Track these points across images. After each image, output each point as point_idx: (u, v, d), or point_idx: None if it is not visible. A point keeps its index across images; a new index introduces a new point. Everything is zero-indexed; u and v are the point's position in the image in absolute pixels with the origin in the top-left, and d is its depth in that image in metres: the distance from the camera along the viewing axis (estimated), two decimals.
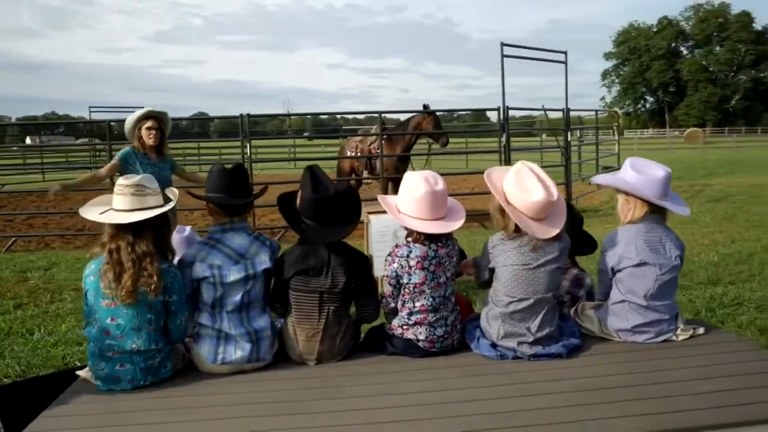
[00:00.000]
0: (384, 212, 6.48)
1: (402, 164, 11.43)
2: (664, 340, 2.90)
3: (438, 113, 11.39)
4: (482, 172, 3.00)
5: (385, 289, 2.90)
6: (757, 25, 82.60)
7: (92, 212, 2.71)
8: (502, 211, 2.83)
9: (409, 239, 2.87)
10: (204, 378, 2.72)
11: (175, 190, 2.91)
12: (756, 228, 9.42)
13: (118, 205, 2.68)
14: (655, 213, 2.96)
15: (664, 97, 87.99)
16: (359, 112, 35.92)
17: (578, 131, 19.12)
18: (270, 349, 2.83)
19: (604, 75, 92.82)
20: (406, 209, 2.87)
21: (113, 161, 5.29)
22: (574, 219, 3.24)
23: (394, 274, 2.84)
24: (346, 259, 2.84)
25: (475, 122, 34.47)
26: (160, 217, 2.70)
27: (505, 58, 11.41)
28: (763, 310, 5.06)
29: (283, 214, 2.95)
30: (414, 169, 11.62)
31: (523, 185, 2.79)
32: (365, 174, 11.67)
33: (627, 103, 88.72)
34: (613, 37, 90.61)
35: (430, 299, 2.83)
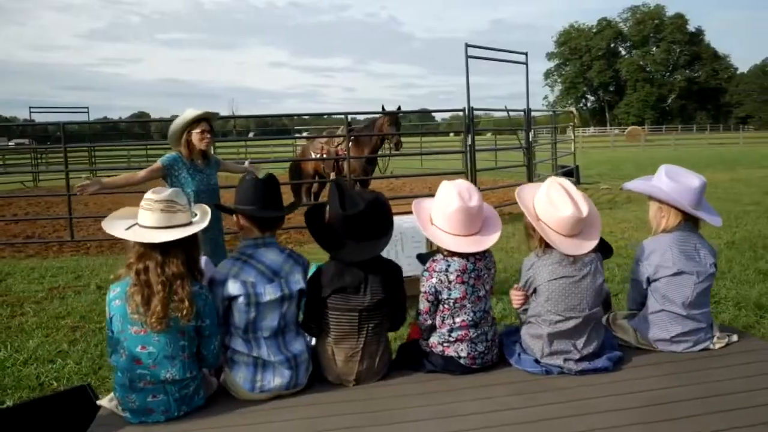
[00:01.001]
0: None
1: (370, 166, 11.36)
2: (702, 349, 2.90)
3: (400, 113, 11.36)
4: (440, 174, 2.96)
5: (422, 305, 2.79)
6: (691, 27, 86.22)
7: (116, 227, 2.51)
8: (533, 228, 2.78)
9: (445, 252, 2.77)
10: (240, 406, 2.55)
11: (206, 207, 2.71)
12: (714, 227, 9.71)
13: (145, 221, 2.48)
14: (689, 221, 2.95)
15: (604, 96, 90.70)
16: (328, 113, 35.59)
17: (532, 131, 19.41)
18: (307, 373, 2.69)
19: (547, 75, 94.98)
20: (439, 222, 2.77)
21: (155, 165, 4.59)
22: None
23: (432, 289, 2.73)
24: (384, 273, 2.73)
25: (419, 122, 34.55)
26: (191, 236, 2.52)
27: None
28: (742, 308, 5.18)
29: (312, 233, 2.80)
30: (381, 171, 11.56)
31: (552, 201, 2.74)
32: (332, 176, 11.53)
33: (569, 102, 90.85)
34: (555, 38, 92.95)
35: (471, 314, 2.74)
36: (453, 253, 2.74)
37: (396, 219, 6.59)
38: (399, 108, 11.62)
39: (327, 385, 2.72)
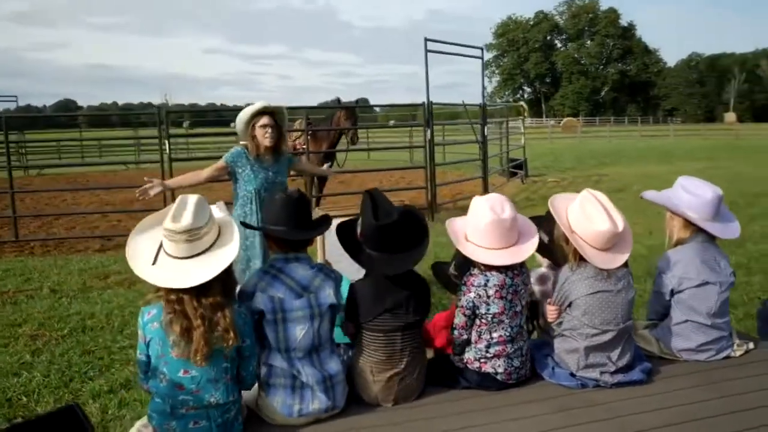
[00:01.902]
0: (341, 215, 6.33)
1: (328, 160, 11.18)
2: (724, 357, 2.94)
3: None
4: (396, 168, 2.90)
5: (458, 320, 2.73)
6: (623, 21, 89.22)
7: (140, 260, 2.29)
8: (567, 240, 2.75)
9: (483, 267, 2.70)
10: None
11: (233, 227, 2.45)
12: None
13: (171, 250, 2.28)
14: (704, 232, 2.97)
15: (540, 87, 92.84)
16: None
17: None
18: (344, 395, 2.58)
19: (485, 66, 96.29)
20: (474, 238, 2.71)
21: (219, 163, 4.47)
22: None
23: (470, 304, 2.67)
24: (421, 289, 2.67)
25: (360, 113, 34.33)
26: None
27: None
28: None
29: (344, 246, 2.68)
30: (339, 166, 11.39)
31: (588, 214, 2.72)
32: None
33: (507, 92, 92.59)
34: (493, 29, 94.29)
35: (509, 329, 2.70)
36: (490, 268, 2.68)
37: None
38: (357, 102, 11.52)
39: (363, 406, 2.62)
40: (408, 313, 2.58)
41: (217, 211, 2.43)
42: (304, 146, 11.05)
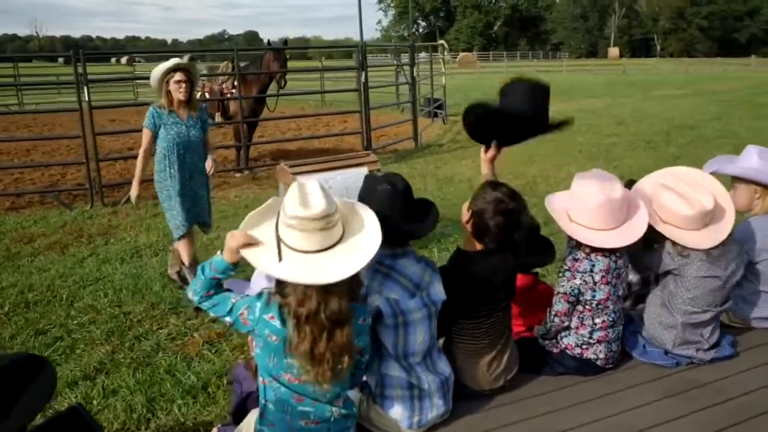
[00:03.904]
0: (311, 171, 5.97)
1: (259, 105, 10.58)
2: None
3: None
4: (328, 114, 2.68)
5: (560, 306, 2.61)
6: None
7: (267, 257, 1.92)
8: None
9: (587, 251, 2.56)
10: None
11: (359, 211, 2.10)
12: (595, 159, 10.40)
13: (296, 243, 1.90)
14: None
15: (435, 22, 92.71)
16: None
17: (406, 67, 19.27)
18: (451, 394, 2.39)
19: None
20: (581, 219, 2.55)
21: (145, 132, 4.75)
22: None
23: (576, 291, 2.55)
24: (512, 263, 2.51)
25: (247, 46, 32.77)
26: None
27: None
28: None
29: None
30: (270, 110, 10.78)
31: (668, 201, 2.64)
32: (218, 118, 10.59)
33: (402, 27, 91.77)
34: None
35: (612, 315, 2.61)
36: (596, 251, 2.54)
37: (338, 174, 6.21)
38: (269, 42, 10.86)
39: (474, 401, 2.46)
40: (506, 288, 2.49)
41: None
42: (233, 90, 10.39)
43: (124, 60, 48.39)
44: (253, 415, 2.16)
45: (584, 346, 2.62)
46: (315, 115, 14.99)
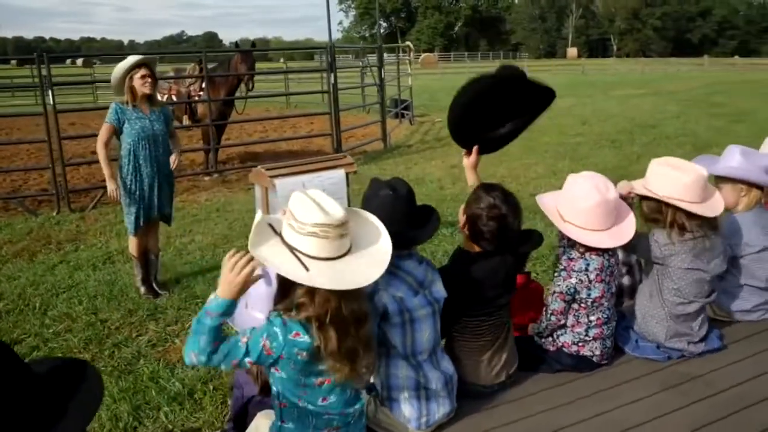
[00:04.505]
0: (288, 174, 5.94)
1: (227, 108, 10.46)
2: None
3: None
4: (297, 116, 2.68)
5: (556, 305, 2.65)
6: None
7: (292, 270, 1.84)
8: (660, 210, 2.70)
9: (582, 250, 2.61)
10: None
11: (362, 214, 2.11)
12: (561, 158, 10.58)
13: (319, 251, 1.86)
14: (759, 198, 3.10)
15: (397, 23, 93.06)
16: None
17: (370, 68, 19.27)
18: (455, 392, 2.41)
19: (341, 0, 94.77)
20: (574, 219, 2.60)
21: (106, 126, 4.77)
22: None
23: (572, 290, 2.60)
24: (512, 262, 2.55)
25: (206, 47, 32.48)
26: None
27: None
28: None
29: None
30: (238, 113, 10.66)
31: (669, 173, 2.69)
32: (186, 121, 10.44)
33: (363, 27, 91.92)
34: None
35: (606, 312, 2.66)
36: (589, 250, 2.60)
37: (316, 177, 6.17)
38: (236, 44, 10.80)
39: (476, 400, 2.49)
40: (503, 287, 2.52)
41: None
42: (200, 93, 10.26)
43: (79, 62, 47.44)
44: (260, 421, 2.14)
45: (581, 344, 2.66)
46: (283, 117, 14.85)
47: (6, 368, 1.16)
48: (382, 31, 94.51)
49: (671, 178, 2.66)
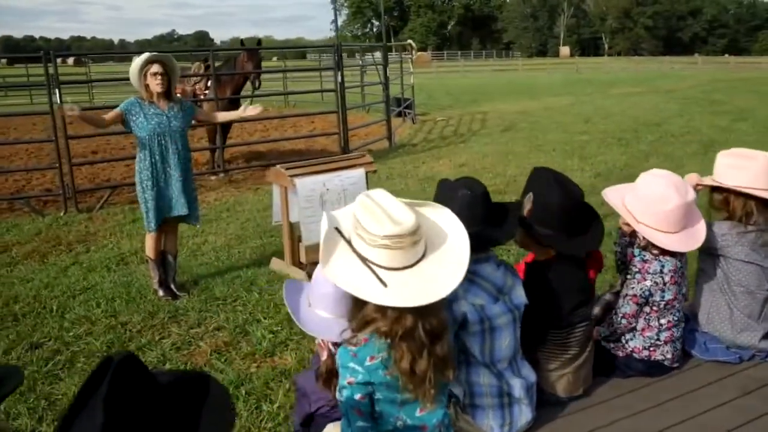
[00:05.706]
0: (308, 173, 5.80)
1: (233, 107, 10.31)
2: None
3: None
4: (303, 114, 2.59)
5: (628, 308, 2.55)
6: None
7: (368, 288, 1.73)
8: (727, 201, 2.66)
9: (656, 251, 2.52)
10: None
11: (439, 208, 1.99)
12: (570, 156, 10.51)
13: (394, 261, 1.75)
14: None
15: (389, 21, 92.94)
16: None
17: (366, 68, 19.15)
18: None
19: None
20: (649, 220, 2.49)
21: (116, 110, 4.79)
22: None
23: (647, 293, 2.50)
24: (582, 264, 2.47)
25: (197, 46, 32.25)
26: None
27: None
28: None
29: (523, 227, 2.37)
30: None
31: (737, 163, 2.65)
32: None
33: (356, 26, 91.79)
34: None
35: (677, 314, 2.57)
36: (664, 252, 2.50)
37: (335, 176, 6.03)
38: (242, 42, 10.66)
39: (553, 407, 2.40)
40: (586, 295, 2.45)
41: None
42: (206, 92, 10.11)
43: (70, 61, 47.14)
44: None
45: (652, 348, 2.57)
46: (291, 116, 14.72)
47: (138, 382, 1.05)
48: (374, 29, 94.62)
49: (740, 168, 2.60)
